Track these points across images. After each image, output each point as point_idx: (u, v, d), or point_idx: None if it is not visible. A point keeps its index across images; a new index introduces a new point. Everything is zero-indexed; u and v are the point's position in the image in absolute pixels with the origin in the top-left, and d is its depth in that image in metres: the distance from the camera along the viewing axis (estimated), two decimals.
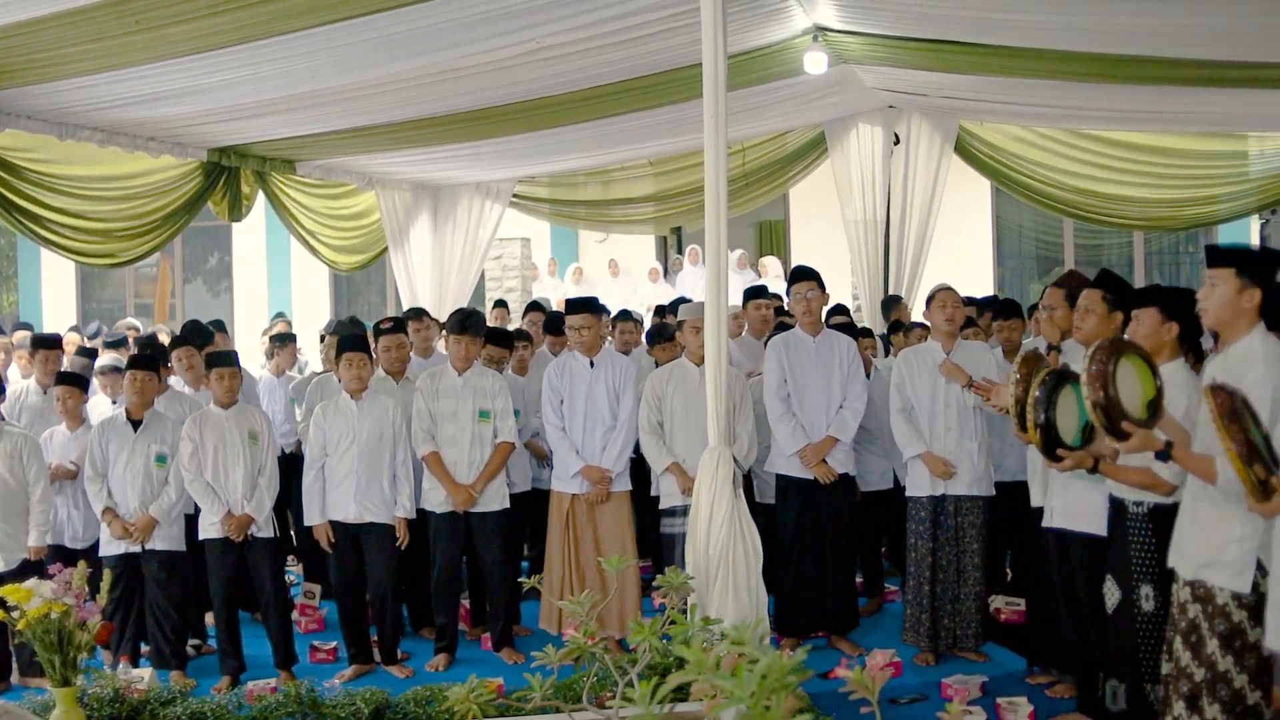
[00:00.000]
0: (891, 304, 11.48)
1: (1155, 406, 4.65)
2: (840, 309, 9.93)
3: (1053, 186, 12.61)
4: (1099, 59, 8.68)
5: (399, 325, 8.69)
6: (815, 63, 9.29)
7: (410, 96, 9.18)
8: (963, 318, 7.63)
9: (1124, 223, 13.25)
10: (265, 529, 7.67)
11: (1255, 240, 15.33)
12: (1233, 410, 3.93)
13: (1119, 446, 4.66)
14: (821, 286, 7.85)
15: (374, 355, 8.27)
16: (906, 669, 7.38)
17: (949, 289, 7.69)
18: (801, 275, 7.92)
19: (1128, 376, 4.62)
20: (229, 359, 7.87)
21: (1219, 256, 4.67)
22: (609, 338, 9.96)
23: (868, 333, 9.69)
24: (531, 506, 8.70)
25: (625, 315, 10.78)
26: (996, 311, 8.92)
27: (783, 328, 8.44)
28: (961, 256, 16.33)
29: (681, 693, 3.13)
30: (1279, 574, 4.23)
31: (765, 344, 8.15)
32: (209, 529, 7.64)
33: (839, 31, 9.09)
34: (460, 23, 7.34)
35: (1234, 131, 12.29)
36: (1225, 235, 15.90)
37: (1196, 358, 5.74)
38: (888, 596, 9.03)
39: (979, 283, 15.79)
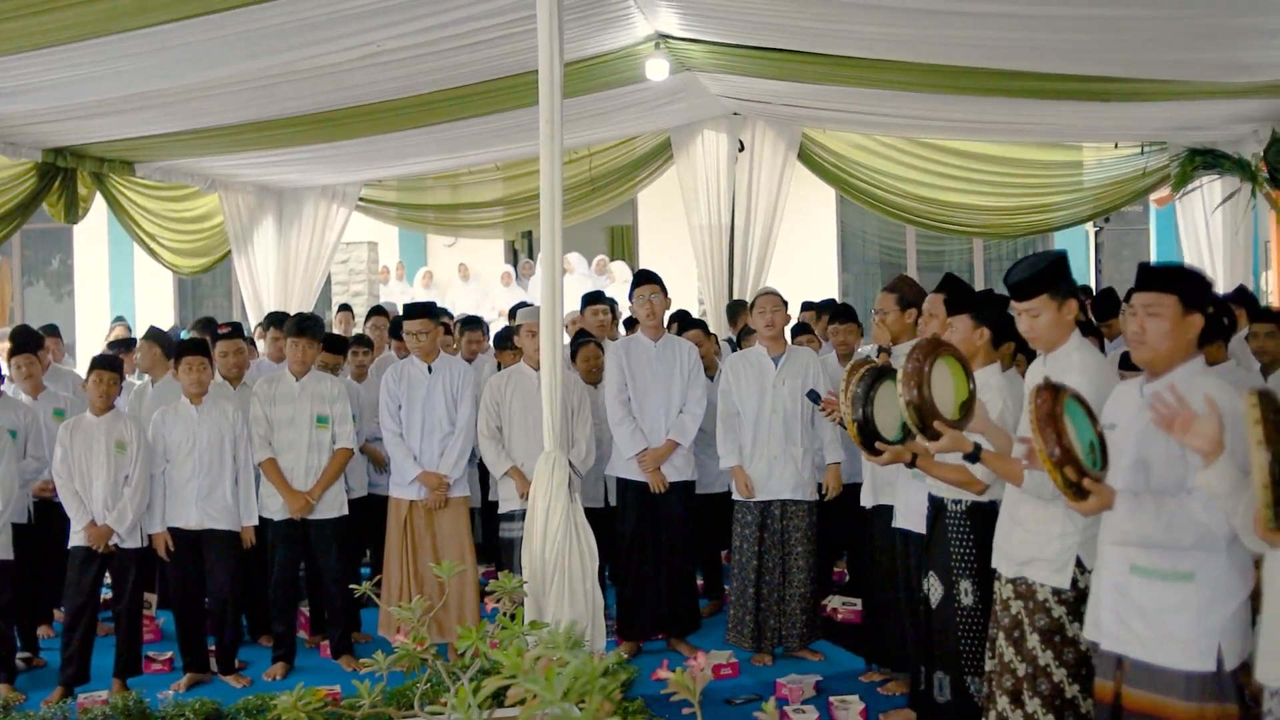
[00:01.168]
0: (737, 309, 11.58)
1: (967, 408, 4.75)
2: (686, 318, 10.01)
3: (894, 194, 12.83)
4: (936, 70, 8.88)
5: (237, 330, 8.56)
6: (657, 70, 9.35)
7: (251, 98, 9.05)
8: (784, 321, 7.74)
9: (963, 230, 13.51)
10: (130, 539, 7.48)
11: (1088, 248, 15.79)
12: (1051, 413, 4.03)
13: (929, 446, 4.75)
14: (663, 290, 7.91)
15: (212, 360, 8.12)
16: (743, 669, 7.49)
17: (770, 293, 7.80)
18: (643, 279, 7.97)
19: (943, 377, 4.71)
20: (111, 363, 7.70)
21: (1025, 290, 4.77)
22: (458, 344, 9.96)
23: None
24: (370, 513, 8.63)
25: (470, 321, 10.75)
26: (832, 316, 9.05)
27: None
28: (806, 262, 16.54)
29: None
30: (1100, 569, 4.36)
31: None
32: (75, 536, 7.45)
33: (681, 39, 9.16)
34: (298, 25, 7.26)
35: (1069, 142, 12.63)
36: (1061, 242, 16.34)
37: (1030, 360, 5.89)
38: (728, 598, 9.12)
39: (824, 288, 16.01)
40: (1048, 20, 7.32)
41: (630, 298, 8.09)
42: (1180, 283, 4.16)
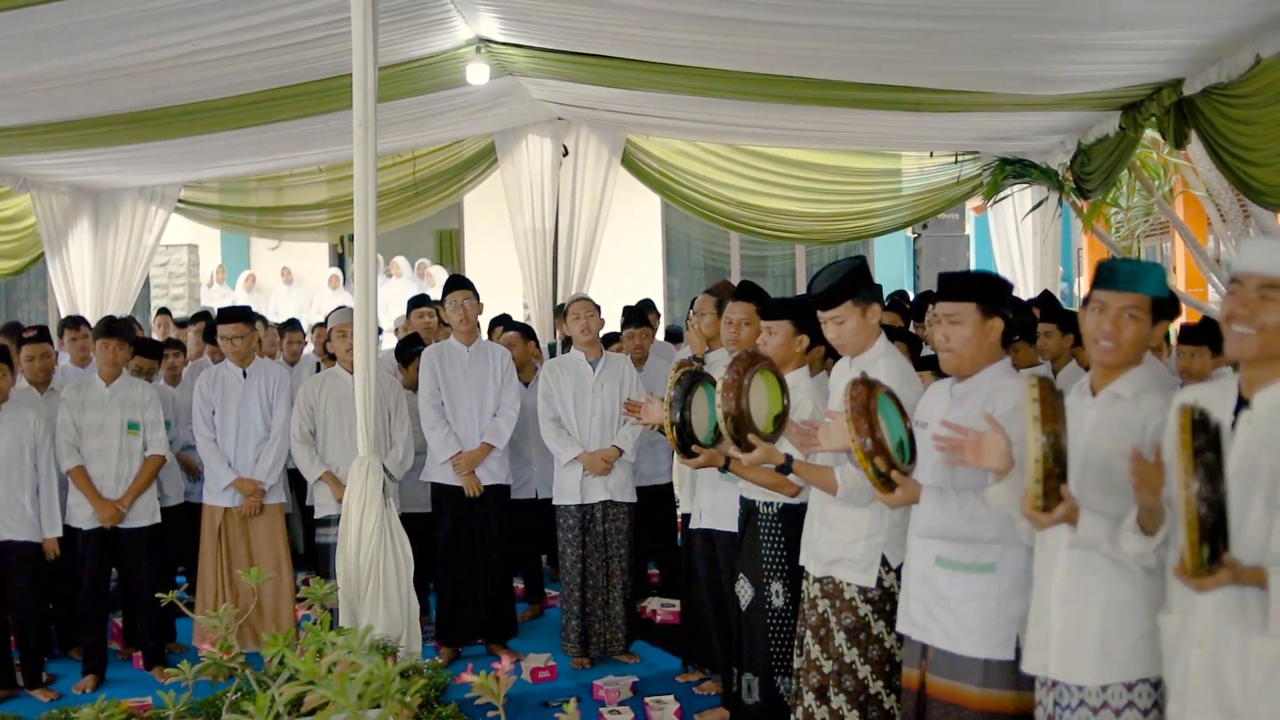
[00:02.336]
0: (562, 313, 11.62)
1: (780, 422, 4.86)
2: (507, 321, 10.00)
3: (716, 200, 12.94)
4: (752, 78, 9.01)
5: (43, 334, 8.33)
6: (478, 74, 9.33)
7: (64, 96, 8.82)
8: (599, 326, 7.81)
9: (785, 235, 13.70)
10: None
11: (907, 253, 16.14)
12: (866, 406, 4.14)
13: (743, 458, 4.83)
14: (475, 295, 7.91)
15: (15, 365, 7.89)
16: (562, 673, 7.52)
17: (583, 299, 7.88)
18: (455, 285, 7.96)
19: (759, 391, 4.80)
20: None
21: (828, 299, 4.90)
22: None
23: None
24: (185, 521, 8.46)
25: (291, 324, 10.62)
26: (626, 321, 9.14)
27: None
28: (632, 267, 16.63)
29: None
30: (908, 561, 4.49)
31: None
32: None
33: (502, 44, 9.16)
34: (112, 21, 7.13)
35: (886, 151, 12.91)
36: (880, 248, 16.70)
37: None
38: (548, 602, 9.14)
39: (649, 292, 16.09)
40: (855, 32, 7.47)
41: (443, 303, 8.08)
42: (978, 290, 4.31)
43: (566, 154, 12.10)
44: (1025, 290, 12.14)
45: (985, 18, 7.07)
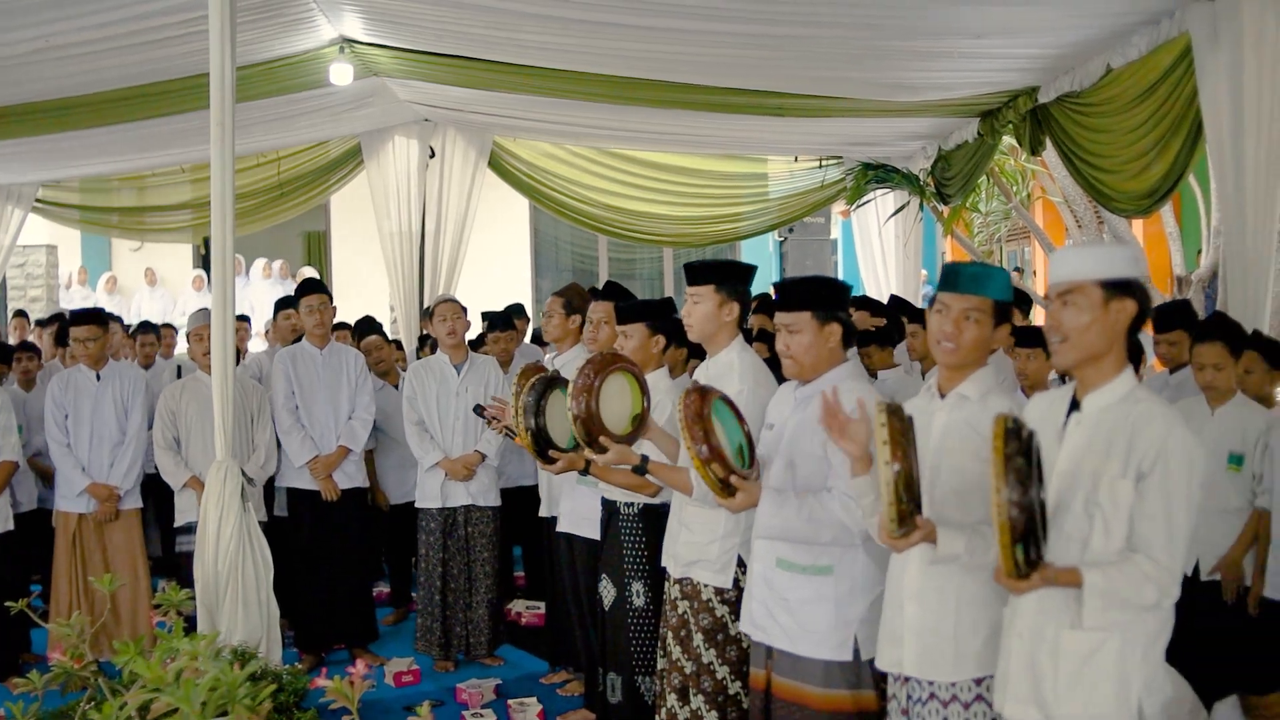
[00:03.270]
0: (428, 316, 11.55)
1: (640, 422, 4.88)
2: (368, 325, 9.91)
3: (584, 203, 12.95)
4: (615, 81, 9.05)
5: None
6: (341, 74, 9.24)
7: None
8: (464, 329, 7.78)
9: (652, 239, 13.77)
10: None
11: (774, 256, 16.29)
12: (699, 414, 4.17)
13: (596, 459, 4.84)
14: (330, 298, 7.84)
15: None
16: (426, 676, 7.47)
17: (449, 301, 7.84)
18: (307, 289, 7.88)
19: (618, 391, 4.80)
20: None
21: (699, 273, 4.95)
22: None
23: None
24: (40, 528, 8.26)
25: (145, 327, 10.45)
26: (491, 324, 9.13)
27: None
28: (500, 269, 16.60)
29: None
30: (751, 563, 4.54)
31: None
32: None
33: (366, 44, 9.09)
34: None
35: (752, 155, 13.02)
36: (747, 250, 16.82)
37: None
38: (414, 606, 9.08)
39: (518, 295, 16.07)
40: (720, 37, 7.54)
41: (296, 307, 8.00)
42: (811, 297, 4.38)
43: (433, 156, 12.03)
44: (888, 293, 12.31)
45: (847, 25, 7.19)
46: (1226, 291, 6.42)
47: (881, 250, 12.68)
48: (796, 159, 12.78)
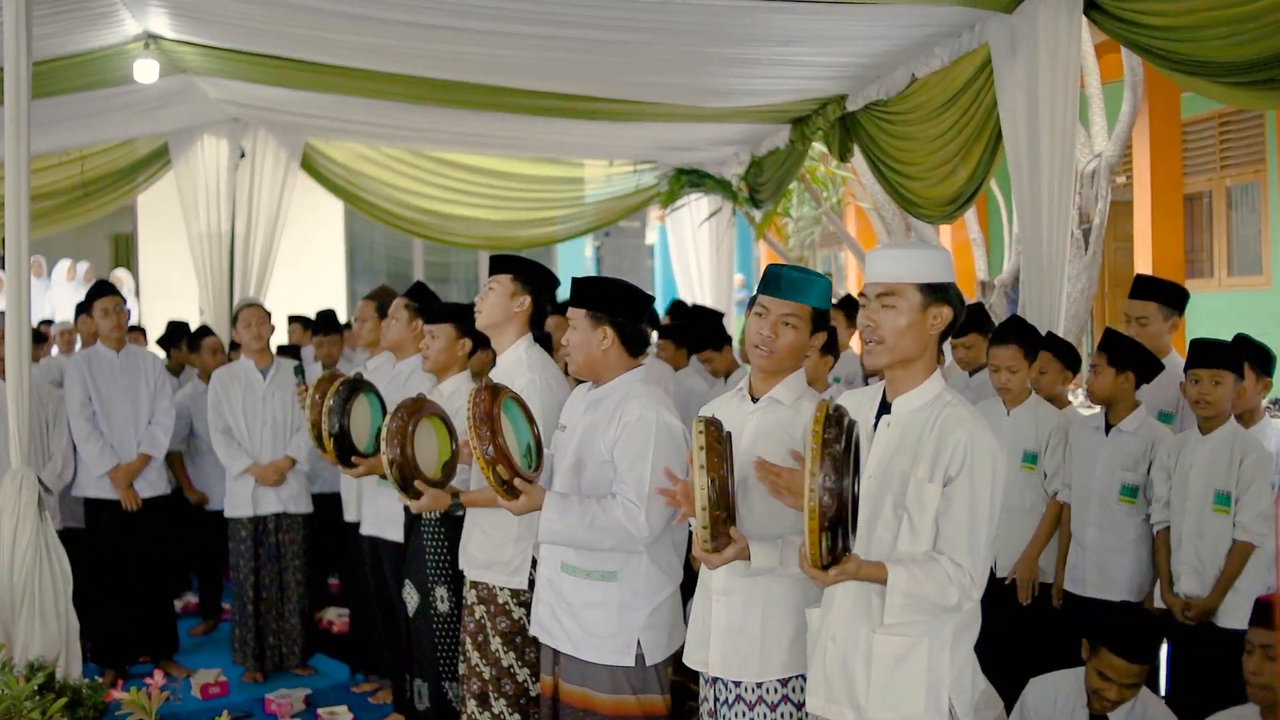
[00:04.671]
0: (234, 321, 11.33)
1: (450, 468, 4.86)
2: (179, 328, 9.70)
3: (398, 206, 12.83)
4: (435, 84, 8.99)
5: None
6: (146, 71, 8.98)
7: None
8: (270, 333, 7.66)
9: (467, 242, 13.70)
10: None
11: (591, 260, 16.36)
12: (489, 413, 4.15)
13: (411, 505, 4.75)
14: (124, 300, 7.63)
15: None
16: (234, 687, 7.34)
17: (253, 306, 7.73)
18: (101, 291, 7.66)
19: (427, 436, 4.78)
20: None
21: (499, 263, 5.00)
22: None
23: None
24: None
25: None
26: (315, 327, 9.03)
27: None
28: (313, 272, 16.38)
29: None
30: (539, 567, 4.55)
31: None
32: None
33: (173, 40, 8.88)
34: None
35: (569, 159, 13.05)
36: (563, 254, 16.85)
37: None
38: (225, 616, 8.89)
39: (332, 299, 15.90)
40: (536, 40, 7.55)
41: (89, 310, 7.79)
42: (587, 297, 4.40)
43: (243, 156, 11.79)
44: (702, 297, 12.45)
45: (660, 30, 7.24)
46: (1025, 296, 6.62)
47: (696, 254, 12.81)
48: (612, 163, 12.85)
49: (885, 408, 3.49)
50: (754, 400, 3.92)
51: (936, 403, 3.42)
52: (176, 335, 10.03)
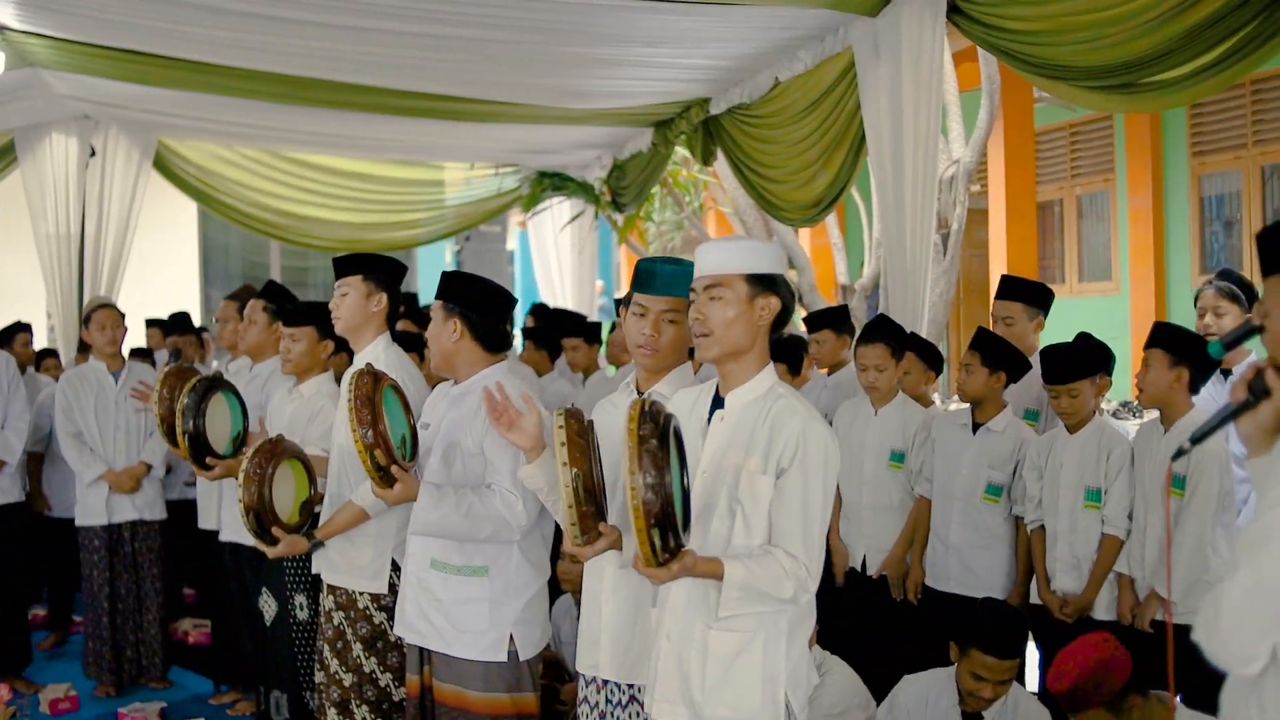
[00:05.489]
0: (85, 323, 11.01)
1: (308, 508, 4.76)
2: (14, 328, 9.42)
3: (255, 208, 12.56)
4: (295, 81, 8.81)
5: None
6: None
7: None
8: (123, 336, 7.45)
9: (326, 245, 13.49)
10: None
11: (451, 265, 16.22)
12: (370, 398, 4.09)
13: (267, 551, 4.65)
14: None
15: None
16: (85, 702, 7.13)
17: (106, 307, 7.51)
18: None
19: (285, 478, 4.68)
20: None
21: (346, 265, 4.93)
22: None
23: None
24: None
25: None
26: (168, 329, 8.84)
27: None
28: (166, 277, 16.02)
29: None
30: (406, 564, 4.48)
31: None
32: None
33: (20, 31, 8.60)
34: None
35: (430, 161, 12.91)
36: (423, 257, 16.71)
37: None
38: (75, 629, 8.62)
39: (185, 302, 15.56)
40: (392, 36, 7.42)
41: None
42: (443, 288, 4.42)
43: (94, 155, 11.46)
44: (564, 301, 12.42)
45: (523, 28, 7.19)
46: (888, 299, 6.69)
47: (558, 259, 12.77)
48: (474, 166, 12.75)
49: (719, 403, 3.46)
50: (639, 394, 3.88)
51: (769, 396, 3.39)
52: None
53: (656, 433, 3.01)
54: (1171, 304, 12.47)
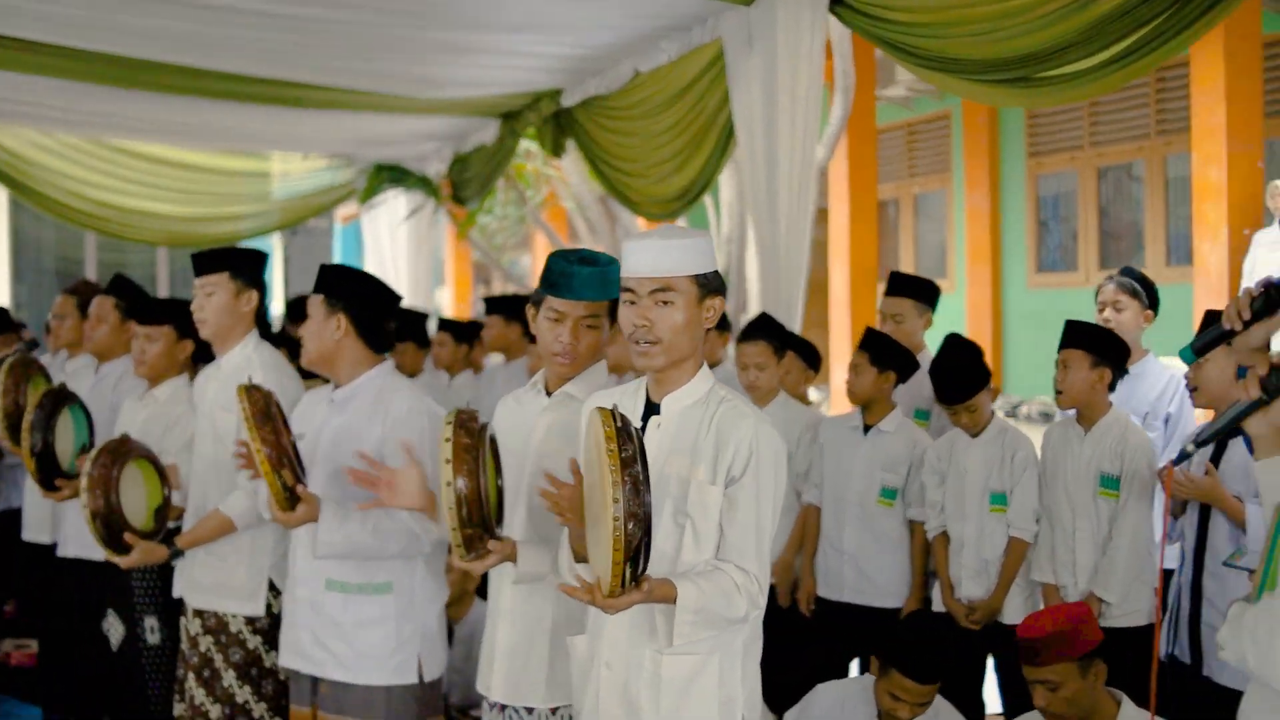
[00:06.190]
0: None
1: (163, 515, 4.43)
2: None
3: (73, 197, 11.92)
4: (117, 61, 8.24)
5: None
6: None
7: None
8: None
9: (146, 238, 12.93)
10: None
11: (279, 257, 15.76)
12: (266, 412, 3.75)
13: (120, 562, 4.33)
14: None
15: None
16: None
17: None
18: None
19: (133, 481, 4.34)
20: None
21: (210, 261, 4.57)
22: None
23: None
24: None
25: None
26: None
27: None
28: None
29: None
30: (293, 588, 4.13)
31: None
32: None
33: None
34: None
35: (259, 151, 12.42)
36: None
37: None
38: None
39: None
40: (229, 14, 6.93)
41: None
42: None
43: None
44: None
45: (370, 8, 6.84)
46: (761, 295, 6.52)
47: (393, 254, 12.43)
48: (306, 157, 12.32)
49: (653, 407, 3.18)
50: (548, 395, 3.61)
51: (710, 399, 3.12)
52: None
53: (634, 450, 2.71)
54: (1007, 303, 12.64)
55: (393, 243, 12.38)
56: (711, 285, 3.10)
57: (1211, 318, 3.76)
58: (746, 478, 3.01)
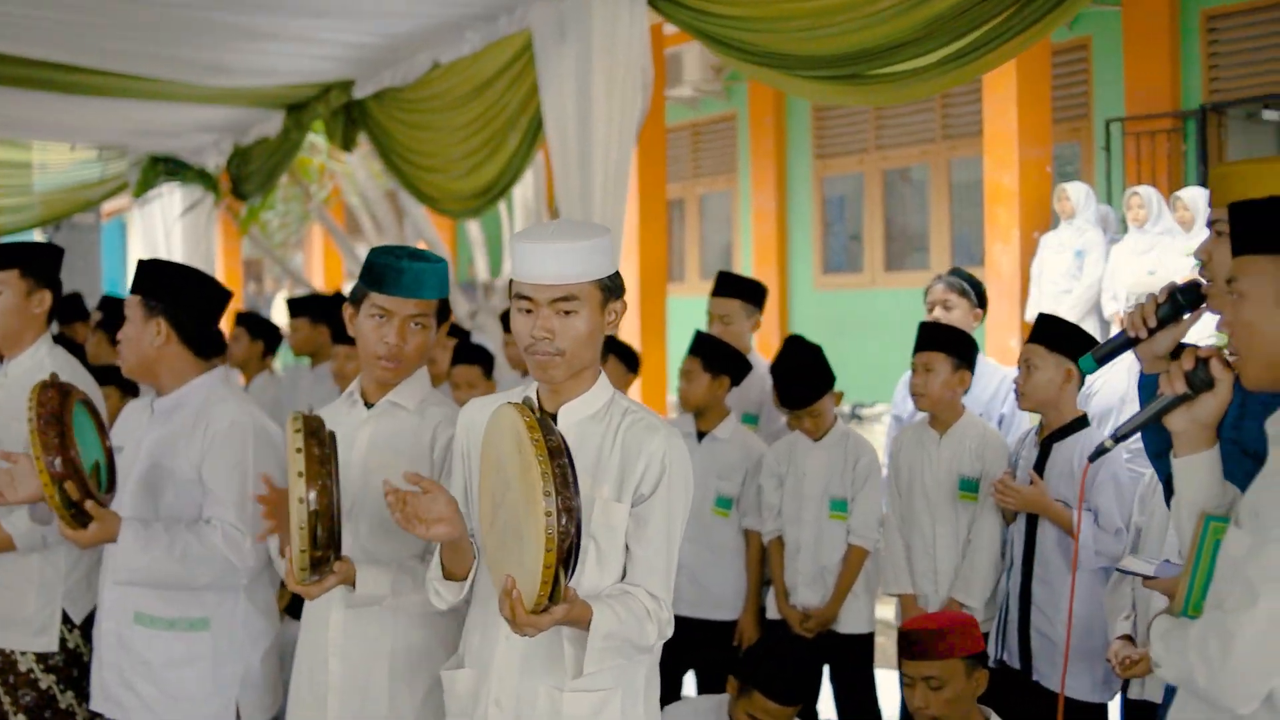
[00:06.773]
0: None
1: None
2: None
3: None
4: None
5: None
6: None
7: None
8: None
9: None
10: None
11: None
12: (58, 415, 3.32)
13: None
14: None
15: None
16: None
17: None
18: None
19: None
20: None
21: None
22: None
23: None
24: None
25: None
26: None
27: None
28: None
29: None
30: (102, 619, 3.70)
31: None
32: None
33: None
34: None
35: (19, 139, 11.69)
36: None
37: None
38: None
39: None
40: None
41: None
42: (143, 284, 3.72)
43: None
44: None
45: None
46: None
47: (168, 251, 11.87)
48: (74, 148, 11.65)
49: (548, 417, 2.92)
50: (368, 406, 3.34)
51: (613, 410, 2.87)
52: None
53: (562, 442, 2.48)
54: (794, 304, 12.72)
55: (167, 239, 11.80)
56: (615, 289, 2.85)
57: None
58: (657, 495, 2.79)
